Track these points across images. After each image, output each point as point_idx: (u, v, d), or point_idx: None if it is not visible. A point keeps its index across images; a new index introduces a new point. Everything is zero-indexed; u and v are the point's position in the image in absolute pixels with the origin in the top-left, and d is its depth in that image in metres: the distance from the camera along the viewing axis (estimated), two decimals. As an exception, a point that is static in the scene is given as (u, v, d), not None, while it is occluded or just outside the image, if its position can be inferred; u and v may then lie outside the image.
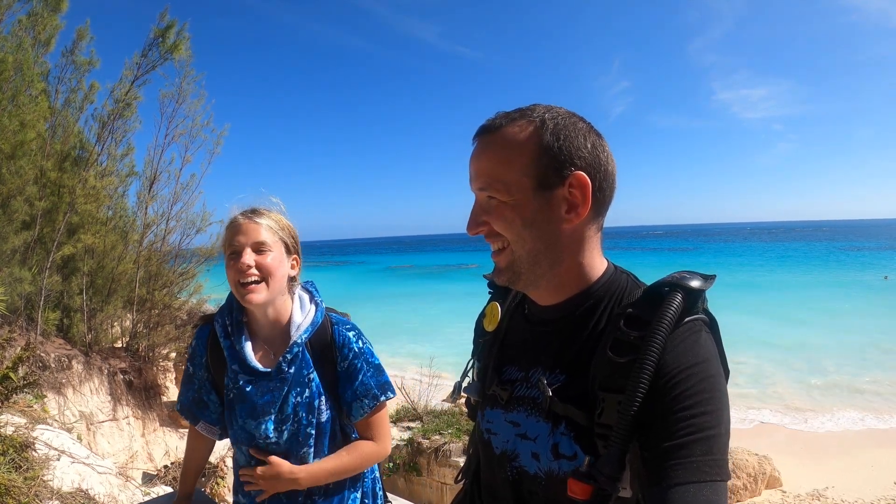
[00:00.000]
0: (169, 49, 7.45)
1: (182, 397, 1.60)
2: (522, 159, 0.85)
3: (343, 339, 1.52)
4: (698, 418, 0.74)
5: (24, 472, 2.45)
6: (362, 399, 1.51)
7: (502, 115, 0.89)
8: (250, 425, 1.47)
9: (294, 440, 1.47)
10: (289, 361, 1.45)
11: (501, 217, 0.88)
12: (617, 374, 0.79)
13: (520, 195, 0.86)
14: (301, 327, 1.49)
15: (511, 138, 0.87)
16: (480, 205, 0.91)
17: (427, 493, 5.45)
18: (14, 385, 2.52)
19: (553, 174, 0.85)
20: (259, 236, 1.42)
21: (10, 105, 5.88)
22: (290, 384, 1.46)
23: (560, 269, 0.91)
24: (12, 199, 6.06)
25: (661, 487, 0.73)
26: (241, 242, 1.41)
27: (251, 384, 1.45)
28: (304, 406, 1.47)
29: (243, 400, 1.46)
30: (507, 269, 0.91)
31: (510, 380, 0.99)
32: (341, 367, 1.51)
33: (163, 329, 8.14)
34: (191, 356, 1.58)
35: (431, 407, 6.65)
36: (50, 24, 6.79)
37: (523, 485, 0.92)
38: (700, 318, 0.82)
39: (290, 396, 1.46)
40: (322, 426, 1.49)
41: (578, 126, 0.88)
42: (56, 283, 6.70)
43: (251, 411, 1.46)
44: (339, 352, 1.51)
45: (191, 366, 1.57)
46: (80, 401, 6.11)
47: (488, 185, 0.88)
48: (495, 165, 0.87)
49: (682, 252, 61.06)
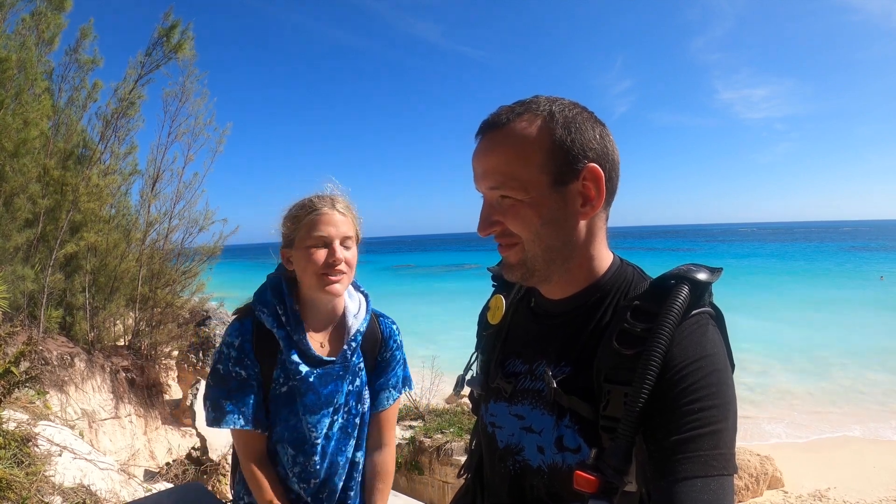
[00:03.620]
0: (173, 48, 7.46)
1: (243, 407, 1.39)
2: (537, 156, 0.83)
3: (389, 331, 1.59)
4: (706, 412, 0.74)
5: (26, 467, 2.45)
6: (391, 390, 1.56)
7: (506, 110, 0.87)
8: (308, 421, 1.41)
9: (343, 432, 1.47)
10: (353, 350, 1.47)
11: (518, 216, 0.85)
12: (623, 366, 0.78)
13: (536, 193, 0.84)
14: (359, 317, 1.52)
15: (522, 134, 0.84)
16: (492, 204, 0.88)
17: (429, 492, 5.45)
18: (16, 380, 2.52)
19: (568, 169, 0.84)
20: (347, 230, 1.43)
21: (14, 103, 5.89)
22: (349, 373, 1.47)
23: (572, 264, 0.90)
24: (15, 197, 6.07)
25: (669, 481, 0.72)
26: (331, 234, 1.40)
27: (314, 374, 1.41)
28: (355, 395, 1.49)
29: (303, 392, 1.41)
30: (519, 265, 0.89)
31: (514, 373, 0.98)
32: (382, 358, 1.56)
33: (165, 327, 8.15)
34: (237, 359, 1.40)
35: (433, 406, 6.65)
36: (54, 23, 6.81)
37: (525, 478, 0.92)
38: (707, 312, 0.82)
39: (345, 386, 1.46)
40: (364, 416, 1.52)
41: (584, 116, 0.86)
42: (59, 281, 6.72)
43: (313, 405, 1.41)
44: (385, 343, 1.57)
45: (240, 369, 1.40)
46: (83, 398, 6.12)
47: (501, 183, 0.84)
48: (508, 163, 0.84)
49: (683, 252, 60.96)
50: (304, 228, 1.41)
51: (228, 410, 1.38)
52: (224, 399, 1.38)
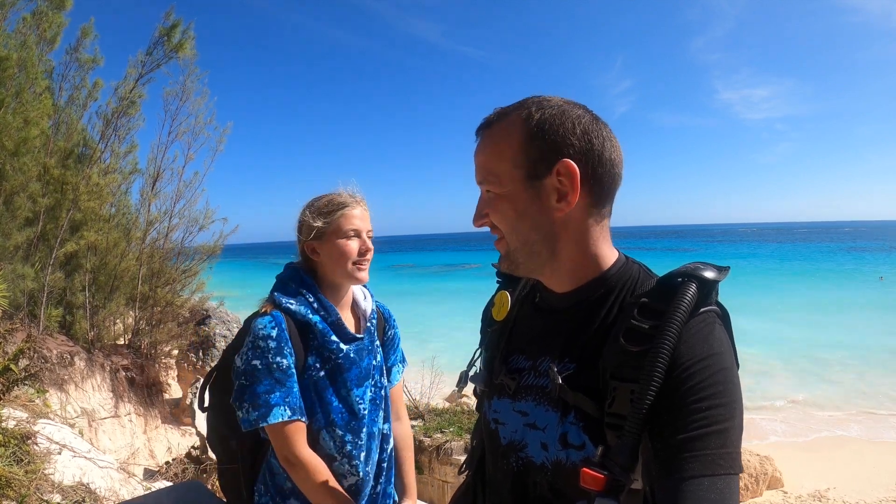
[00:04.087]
0: (174, 48, 7.46)
1: (288, 397, 1.40)
2: (511, 151, 0.87)
3: (388, 313, 1.76)
4: (713, 410, 0.74)
5: (26, 465, 2.45)
6: (400, 364, 1.76)
7: (499, 111, 0.92)
8: (356, 395, 1.53)
9: (373, 404, 1.58)
10: (375, 326, 1.64)
11: (497, 209, 0.91)
12: (629, 363, 0.78)
13: (511, 186, 0.88)
14: (367, 301, 1.67)
15: (502, 132, 0.89)
16: (482, 198, 0.94)
17: (429, 492, 5.45)
18: (15, 377, 2.52)
19: (541, 164, 0.86)
20: (370, 224, 1.58)
21: (14, 102, 5.90)
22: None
23: (561, 258, 0.91)
24: (15, 196, 6.08)
25: (674, 480, 0.71)
26: (360, 227, 1.54)
27: (353, 350, 1.54)
28: (379, 369, 1.62)
29: (347, 369, 1.52)
30: (505, 256, 0.94)
31: (518, 369, 0.98)
32: (388, 336, 1.72)
33: (165, 326, 8.16)
34: (277, 349, 1.41)
35: (433, 405, 6.65)
36: (54, 22, 6.82)
37: (528, 475, 0.91)
38: (713, 310, 0.82)
39: (372, 359, 1.60)
40: (386, 390, 1.65)
41: (570, 114, 0.87)
42: (59, 279, 6.72)
43: (357, 377, 1.54)
44: (387, 322, 1.74)
45: (281, 359, 1.41)
46: (82, 397, 6.12)
47: (484, 178, 0.91)
48: (489, 159, 0.90)
49: (684, 252, 60.95)
50: (337, 221, 1.53)
51: (274, 404, 1.38)
52: (267, 393, 1.38)
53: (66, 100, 7.35)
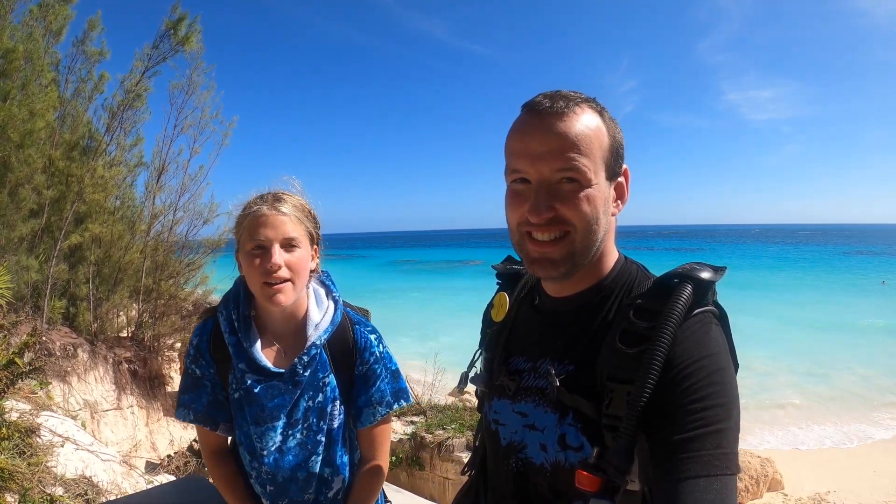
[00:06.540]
0: (180, 41, 7.45)
1: (194, 404, 1.37)
2: (602, 149, 0.86)
3: (365, 342, 1.42)
4: (709, 411, 0.74)
5: (29, 457, 2.46)
6: (376, 406, 1.41)
7: (562, 97, 0.85)
8: (253, 432, 1.35)
9: (302, 448, 1.37)
10: (305, 364, 1.33)
11: (579, 203, 0.83)
12: (626, 364, 0.78)
13: (599, 182, 0.86)
14: (320, 327, 1.38)
15: (590, 125, 0.85)
16: (550, 189, 0.84)
17: (429, 488, 5.45)
18: (20, 370, 2.53)
19: (617, 166, 0.89)
20: (288, 231, 1.29)
21: (20, 94, 5.90)
22: (304, 388, 1.35)
23: (593, 259, 0.91)
24: (20, 188, 6.09)
25: (671, 480, 0.72)
26: (268, 237, 1.26)
27: (260, 385, 1.32)
28: (316, 412, 1.37)
29: (249, 403, 1.34)
30: (565, 259, 0.87)
31: (518, 370, 0.98)
32: (359, 371, 1.42)
33: (168, 319, 8.18)
34: (194, 357, 1.38)
35: (435, 402, 6.65)
36: (61, 15, 6.81)
37: (528, 476, 0.92)
38: (710, 310, 0.82)
39: (301, 401, 1.35)
40: (333, 433, 1.39)
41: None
42: (63, 271, 6.74)
43: (257, 416, 1.33)
44: (360, 355, 1.41)
45: (196, 368, 1.38)
46: (85, 389, 6.15)
47: (573, 167, 0.83)
48: (578, 150, 0.83)
49: (686, 252, 60.81)
50: (244, 232, 1.30)
51: (181, 404, 1.39)
52: (182, 392, 1.41)
53: (71, 92, 7.35)
